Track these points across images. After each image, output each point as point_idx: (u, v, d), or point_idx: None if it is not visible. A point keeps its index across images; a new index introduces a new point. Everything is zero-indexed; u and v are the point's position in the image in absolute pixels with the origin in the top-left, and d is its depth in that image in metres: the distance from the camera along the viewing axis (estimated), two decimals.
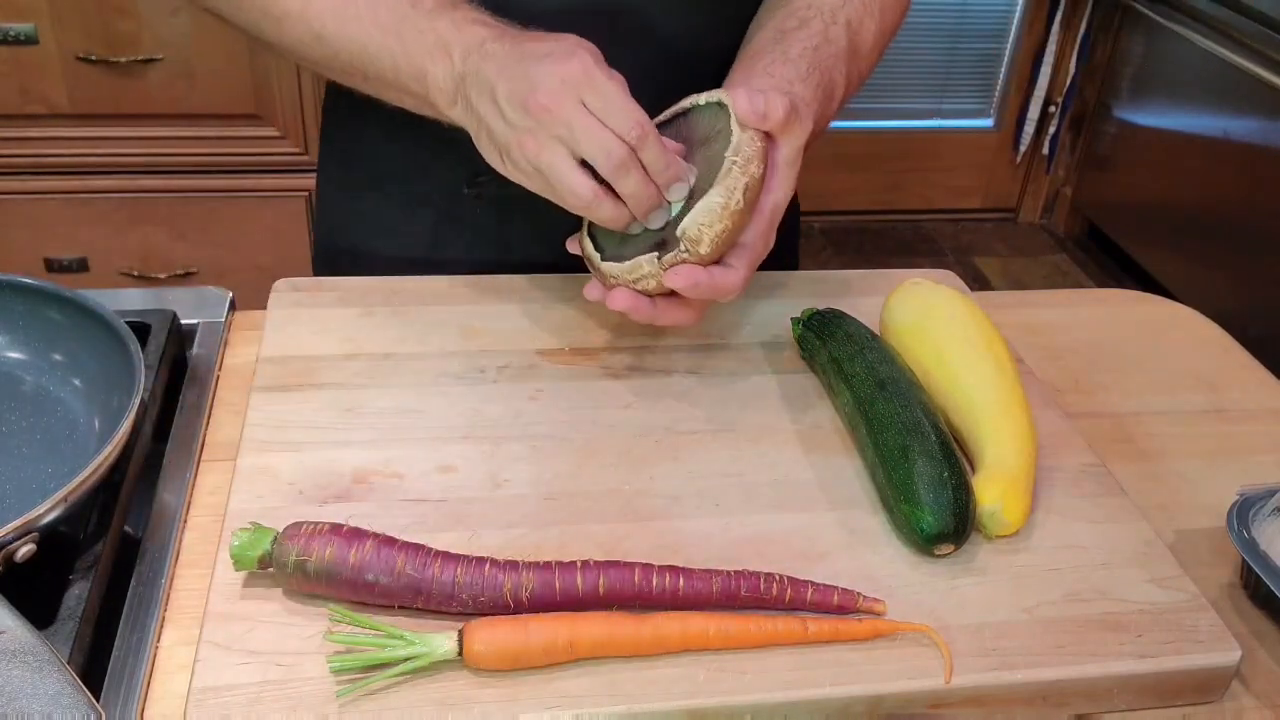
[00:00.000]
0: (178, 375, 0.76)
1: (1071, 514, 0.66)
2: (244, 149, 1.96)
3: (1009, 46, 2.92)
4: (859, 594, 0.58)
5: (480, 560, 0.56)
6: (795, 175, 0.68)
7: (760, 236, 0.67)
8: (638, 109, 0.63)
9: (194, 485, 0.67)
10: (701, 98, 0.70)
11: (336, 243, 0.95)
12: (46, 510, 0.55)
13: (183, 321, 0.78)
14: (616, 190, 0.64)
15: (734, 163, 0.63)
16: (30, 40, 1.80)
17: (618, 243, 0.69)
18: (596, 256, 0.69)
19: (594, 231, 0.71)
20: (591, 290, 0.70)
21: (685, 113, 0.71)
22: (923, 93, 2.95)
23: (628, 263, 0.66)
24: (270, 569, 0.56)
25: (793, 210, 1.02)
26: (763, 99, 0.65)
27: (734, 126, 0.65)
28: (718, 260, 0.65)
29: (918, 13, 2.74)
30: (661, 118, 0.71)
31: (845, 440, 0.71)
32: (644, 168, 0.64)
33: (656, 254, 0.65)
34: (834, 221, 3.02)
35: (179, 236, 2.03)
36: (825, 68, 0.73)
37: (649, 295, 0.67)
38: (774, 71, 0.72)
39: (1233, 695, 0.60)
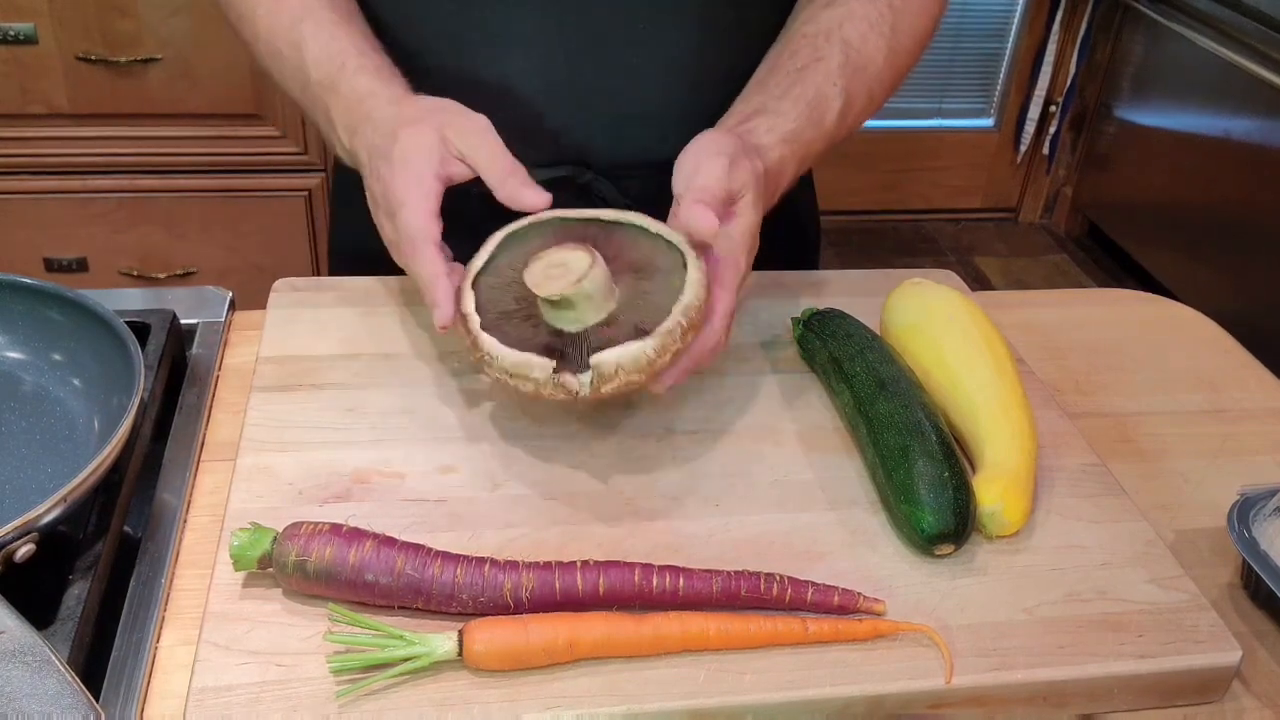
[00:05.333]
0: (177, 375, 0.76)
1: (1071, 514, 0.66)
2: (244, 149, 1.96)
3: (1009, 46, 2.92)
4: (859, 594, 0.57)
5: (480, 560, 0.56)
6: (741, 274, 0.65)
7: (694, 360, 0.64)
8: (430, 263, 0.65)
9: (194, 485, 0.67)
10: (644, 221, 0.65)
11: (350, 241, 0.94)
12: (46, 510, 0.55)
13: (182, 321, 0.79)
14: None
15: (678, 322, 0.59)
16: (30, 40, 1.80)
17: (504, 307, 0.64)
18: (476, 320, 0.62)
19: (480, 281, 0.65)
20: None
21: (621, 225, 0.66)
22: (923, 92, 2.95)
23: (515, 356, 0.60)
24: (270, 569, 0.56)
25: (812, 211, 1.02)
26: (699, 216, 0.62)
27: (687, 281, 0.60)
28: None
29: None
30: (586, 214, 0.67)
31: (845, 440, 0.71)
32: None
33: (554, 367, 0.59)
34: (834, 221, 3.01)
35: (179, 236, 2.03)
36: (811, 83, 0.74)
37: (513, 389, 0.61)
38: (750, 101, 0.74)
39: (1233, 695, 0.60)
